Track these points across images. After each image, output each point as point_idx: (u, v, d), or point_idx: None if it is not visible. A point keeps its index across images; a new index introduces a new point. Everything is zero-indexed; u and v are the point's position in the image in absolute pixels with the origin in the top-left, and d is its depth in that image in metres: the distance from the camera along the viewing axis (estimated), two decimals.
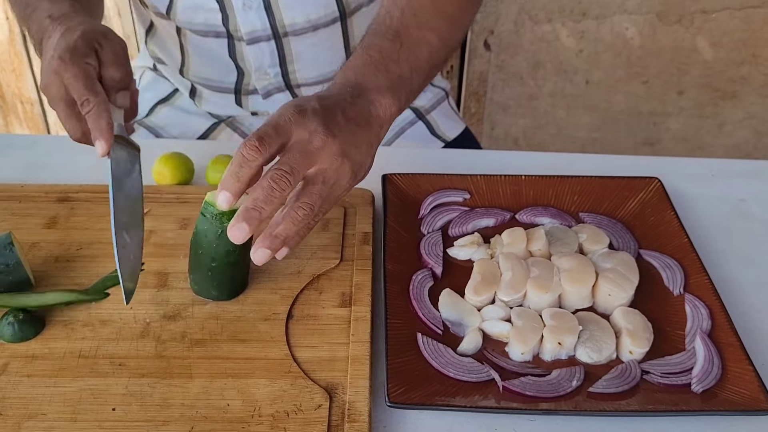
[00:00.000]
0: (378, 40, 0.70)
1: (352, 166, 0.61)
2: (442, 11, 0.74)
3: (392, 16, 0.72)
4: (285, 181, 0.56)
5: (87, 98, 0.66)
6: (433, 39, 0.72)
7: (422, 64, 0.71)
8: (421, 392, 0.59)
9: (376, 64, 0.68)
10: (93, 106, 0.66)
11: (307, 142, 0.58)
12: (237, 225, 0.57)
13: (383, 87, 0.66)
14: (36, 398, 0.58)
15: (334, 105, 0.62)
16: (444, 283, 0.70)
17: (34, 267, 0.70)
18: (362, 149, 0.63)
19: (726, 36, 1.71)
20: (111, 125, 0.66)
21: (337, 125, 0.60)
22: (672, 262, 0.72)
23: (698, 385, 0.60)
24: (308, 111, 0.60)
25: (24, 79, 1.91)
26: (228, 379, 0.60)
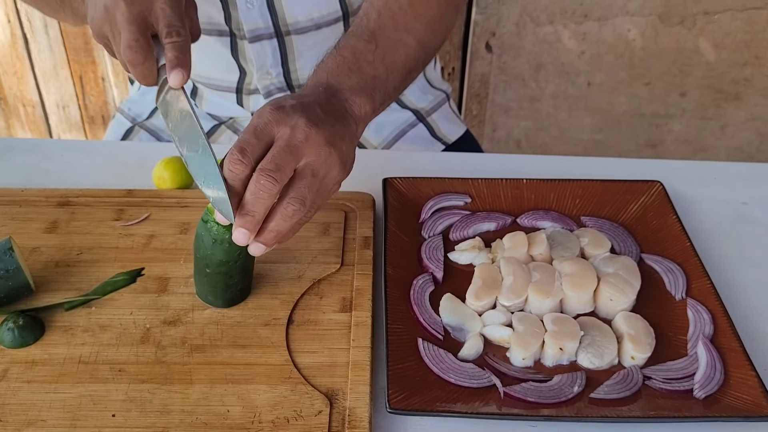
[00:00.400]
0: (353, 42, 0.69)
1: (340, 156, 0.61)
2: (420, 14, 0.73)
3: (369, 18, 0.72)
4: (271, 181, 0.56)
5: (179, 28, 0.63)
6: (410, 41, 0.72)
7: (399, 66, 0.71)
8: (422, 398, 0.59)
9: (349, 65, 0.67)
10: (183, 38, 0.63)
11: (290, 136, 0.58)
12: (238, 230, 0.57)
13: (356, 87, 0.66)
14: (36, 404, 0.58)
15: (311, 102, 0.62)
16: (445, 287, 0.70)
17: (34, 272, 0.70)
18: (346, 141, 0.62)
19: (728, 37, 1.71)
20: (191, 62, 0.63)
21: (318, 117, 0.60)
22: (674, 267, 0.72)
23: (700, 391, 0.60)
24: (286, 107, 0.60)
25: (26, 81, 1.91)
26: (228, 385, 0.60)
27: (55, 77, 1.90)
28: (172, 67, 0.61)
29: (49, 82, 1.91)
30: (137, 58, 0.63)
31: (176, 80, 0.61)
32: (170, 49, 0.62)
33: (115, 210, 0.77)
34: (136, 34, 0.63)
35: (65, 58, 1.86)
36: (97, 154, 0.91)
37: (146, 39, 0.63)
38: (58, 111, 1.97)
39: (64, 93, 1.93)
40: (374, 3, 0.73)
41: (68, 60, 1.87)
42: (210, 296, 0.66)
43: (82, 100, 1.94)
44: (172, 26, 0.63)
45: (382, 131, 1.04)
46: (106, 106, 1.94)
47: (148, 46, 0.63)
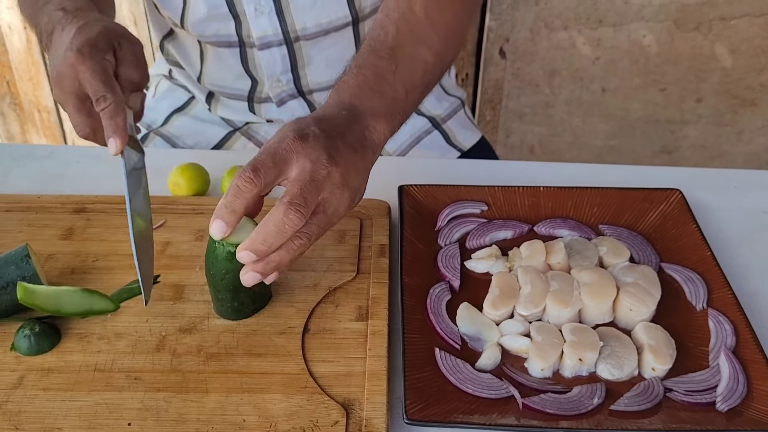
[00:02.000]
0: (373, 60, 0.68)
1: (351, 194, 0.61)
2: (437, 24, 0.72)
3: (387, 33, 0.70)
4: (300, 216, 0.56)
5: (104, 95, 0.65)
6: (428, 56, 0.71)
7: (417, 83, 0.70)
8: (439, 409, 0.58)
9: (370, 85, 0.67)
10: (110, 103, 0.64)
11: (312, 171, 0.57)
12: (244, 253, 0.57)
13: (378, 111, 0.65)
14: (52, 412, 0.58)
15: (332, 130, 0.61)
16: (462, 296, 0.70)
17: (50, 278, 0.70)
18: (359, 175, 0.62)
19: (745, 43, 1.69)
20: (126, 123, 0.65)
21: (339, 152, 0.59)
22: (694, 276, 0.71)
23: (723, 404, 0.59)
24: (309, 137, 0.59)
25: (41, 87, 1.92)
26: (244, 394, 0.59)
27: None
28: (106, 137, 0.65)
29: None
30: (86, 135, 0.68)
31: (111, 149, 0.65)
32: (102, 117, 0.65)
33: None
34: (74, 114, 0.68)
35: None
36: (113, 161, 0.90)
37: (85, 114, 0.68)
38: None
39: None
40: (390, 15, 0.72)
41: None
42: (217, 303, 0.66)
43: None
44: (97, 94, 0.65)
45: (397, 138, 1.04)
46: None
47: (91, 121, 0.67)
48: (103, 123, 0.65)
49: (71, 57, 0.66)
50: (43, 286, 0.64)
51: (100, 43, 0.67)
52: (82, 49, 0.66)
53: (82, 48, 0.66)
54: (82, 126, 0.68)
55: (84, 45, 0.66)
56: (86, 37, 0.67)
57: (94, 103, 0.66)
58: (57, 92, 0.68)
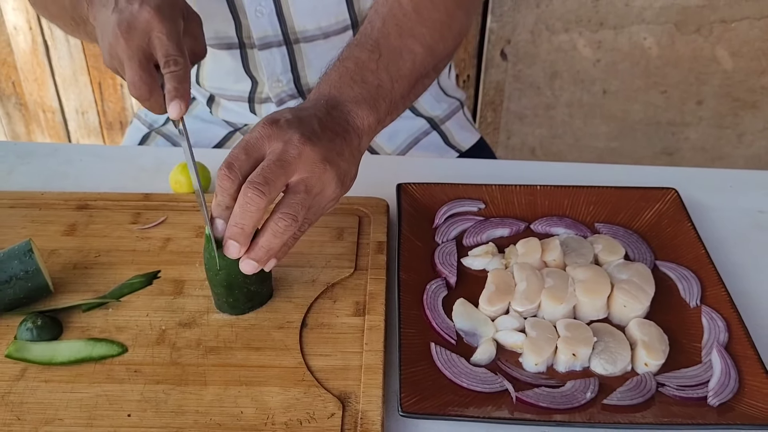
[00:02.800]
0: (356, 52, 0.69)
1: (336, 173, 0.60)
2: (426, 18, 0.72)
3: (373, 27, 0.71)
4: (258, 194, 0.56)
5: (176, 58, 0.63)
6: (416, 47, 0.71)
7: (405, 73, 0.70)
8: (434, 402, 0.59)
9: (351, 75, 0.66)
10: (181, 67, 0.63)
11: (282, 151, 0.58)
12: (228, 242, 0.58)
13: (359, 98, 0.65)
14: (53, 403, 0.59)
15: (308, 116, 0.61)
16: (458, 292, 0.70)
17: (52, 273, 0.71)
18: (345, 157, 0.62)
19: (746, 45, 1.70)
20: (190, 92, 0.64)
21: (314, 133, 0.59)
22: (688, 274, 0.72)
23: (714, 399, 0.60)
24: (281, 121, 0.59)
25: (46, 88, 1.94)
26: (242, 387, 0.60)
27: (74, 84, 1.93)
28: (170, 99, 0.62)
29: (68, 89, 1.94)
30: (142, 94, 0.64)
31: (173, 112, 0.62)
32: (168, 80, 0.63)
33: (133, 213, 0.78)
34: (137, 70, 0.63)
35: (85, 65, 1.89)
36: (115, 159, 0.92)
37: (148, 73, 0.63)
38: (77, 117, 1.99)
39: (83, 99, 1.95)
40: (379, 10, 0.72)
41: (87, 67, 1.89)
42: (214, 296, 0.67)
43: (101, 107, 1.97)
44: (170, 56, 0.63)
45: (395, 139, 1.05)
46: (124, 112, 1.97)
47: (150, 80, 0.63)
48: (169, 86, 0.62)
49: (148, 13, 0.63)
50: None
51: (177, 5, 0.66)
52: (162, 7, 0.63)
53: (162, 6, 0.63)
54: (140, 84, 0.63)
55: (164, 4, 0.64)
56: None
57: (162, 65, 0.63)
58: (121, 46, 0.64)
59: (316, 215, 0.61)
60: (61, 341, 0.64)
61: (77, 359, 0.62)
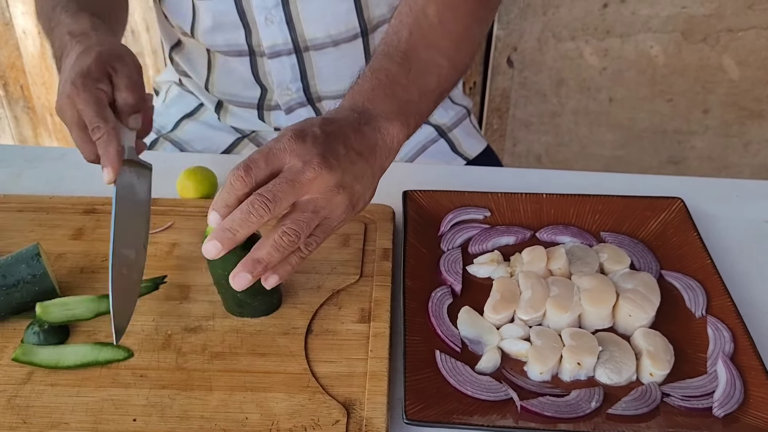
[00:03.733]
0: (386, 63, 0.69)
1: (349, 198, 0.60)
2: (450, 31, 0.72)
3: (400, 38, 0.71)
4: (264, 209, 0.55)
5: (97, 125, 0.67)
6: (442, 61, 0.71)
7: (432, 88, 0.70)
8: (439, 410, 0.59)
9: (384, 89, 0.66)
10: (103, 134, 0.67)
11: (299, 171, 0.57)
12: (211, 242, 0.56)
13: (392, 113, 0.65)
14: (59, 407, 0.59)
15: (336, 132, 0.60)
16: (463, 300, 0.70)
17: (59, 277, 0.71)
18: (363, 180, 0.61)
19: (752, 55, 1.70)
20: (120, 152, 0.67)
21: (336, 155, 0.59)
22: (694, 284, 0.72)
23: (720, 410, 0.60)
24: (308, 137, 0.58)
25: (54, 91, 1.95)
26: (247, 393, 0.60)
27: None
28: (102, 166, 0.67)
29: None
30: (92, 159, 0.70)
31: (105, 178, 0.67)
32: (98, 147, 0.68)
33: None
34: (80, 142, 0.70)
35: None
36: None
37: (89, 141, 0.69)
38: None
39: None
40: (404, 20, 0.72)
41: None
42: (221, 298, 0.67)
43: None
44: (92, 124, 0.68)
45: (403, 146, 1.04)
46: None
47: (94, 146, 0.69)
48: (99, 152, 0.67)
49: (68, 89, 0.68)
50: None
51: (93, 72, 0.69)
52: (76, 81, 0.68)
53: (75, 80, 0.68)
54: (86, 153, 0.70)
55: (77, 76, 0.68)
56: (81, 67, 0.69)
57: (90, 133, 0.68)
58: (62, 120, 0.71)
59: (325, 235, 0.60)
60: (68, 345, 0.64)
61: (83, 363, 0.62)
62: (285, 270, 0.59)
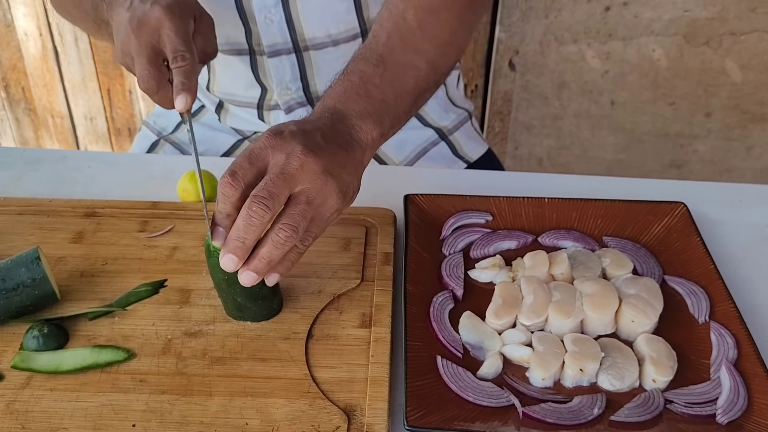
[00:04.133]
0: (361, 66, 0.69)
1: (338, 185, 0.60)
2: (430, 35, 0.72)
3: (378, 41, 0.71)
4: (263, 208, 0.56)
5: (184, 53, 0.65)
6: (420, 63, 0.71)
7: (408, 89, 0.70)
8: (440, 416, 0.59)
9: (356, 90, 0.67)
10: (188, 62, 0.65)
11: (284, 163, 0.58)
12: (226, 256, 0.57)
13: (364, 112, 0.66)
14: (58, 412, 0.59)
15: (312, 129, 0.61)
16: (465, 305, 0.70)
17: (59, 281, 0.71)
18: (348, 169, 0.62)
19: (755, 58, 1.69)
20: (197, 87, 0.66)
21: (317, 145, 0.60)
22: (697, 289, 0.71)
23: (723, 416, 0.59)
24: (285, 133, 0.60)
25: (55, 93, 1.95)
26: (247, 398, 0.60)
27: (83, 90, 1.94)
28: (177, 92, 0.64)
29: (77, 95, 1.95)
30: (150, 87, 0.66)
31: (180, 104, 0.65)
32: (176, 74, 0.65)
33: (140, 221, 0.79)
34: (146, 65, 0.66)
35: (94, 71, 1.90)
36: (123, 166, 0.92)
37: (156, 68, 0.66)
38: (86, 123, 2.00)
39: (92, 105, 1.96)
40: (384, 24, 0.72)
41: (97, 73, 1.90)
42: (222, 302, 0.67)
43: (110, 113, 1.98)
44: (177, 51, 0.65)
45: (404, 149, 1.05)
46: (132, 118, 1.97)
47: (159, 75, 0.66)
48: (176, 80, 0.65)
49: (159, 11, 0.66)
50: None
51: (189, 6, 0.68)
52: (173, 6, 0.66)
53: (172, 5, 0.66)
54: (148, 78, 0.66)
55: (174, 3, 0.67)
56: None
57: (170, 60, 0.66)
58: (132, 42, 0.67)
59: (320, 227, 0.61)
60: (67, 350, 0.64)
61: (83, 367, 0.62)
62: (284, 266, 0.60)
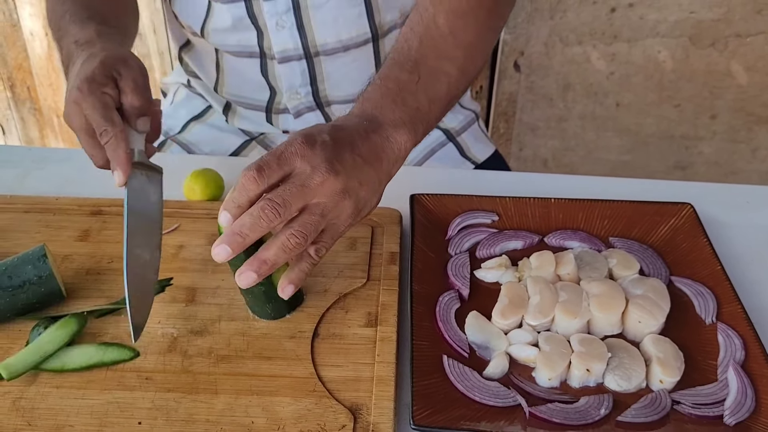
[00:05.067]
0: (396, 72, 0.69)
1: (355, 204, 0.61)
2: (460, 41, 0.73)
3: (411, 46, 0.71)
4: (274, 213, 0.56)
5: (105, 129, 0.68)
6: (452, 70, 0.71)
7: (441, 96, 0.70)
8: (446, 416, 0.59)
9: (393, 97, 0.67)
10: (111, 137, 0.67)
11: (307, 176, 0.58)
12: (220, 245, 0.57)
13: (400, 121, 0.66)
14: (64, 410, 0.59)
15: (345, 139, 0.61)
16: (471, 305, 0.70)
17: (65, 279, 0.71)
18: (369, 186, 0.62)
19: (761, 60, 1.69)
20: (128, 155, 0.68)
21: (343, 162, 0.60)
22: (704, 290, 0.71)
23: (731, 418, 0.59)
24: (317, 143, 0.59)
25: (60, 93, 1.95)
26: (253, 397, 0.60)
27: None
28: (111, 169, 0.68)
29: None
30: (102, 165, 0.71)
31: (117, 181, 0.67)
32: (106, 150, 0.68)
33: None
34: (88, 147, 0.71)
35: None
36: None
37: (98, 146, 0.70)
38: None
39: None
40: (414, 29, 0.72)
41: None
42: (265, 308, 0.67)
43: None
44: (99, 128, 0.68)
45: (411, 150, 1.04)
46: None
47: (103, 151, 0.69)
48: (108, 155, 0.68)
49: (74, 94, 0.69)
50: None
51: (98, 77, 0.70)
52: (82, 86, 0.69)
53: (81, 85, 0.69)
54: (96, 158, 0.71)
55: (84, 81, 0.69)
56: (85, 73, 0.70)
57: (99, 138, 0.68)
58: (71, 123, 0.71)
59: (331, 240, 0.61)
60: (73, 347, 0.64)
61: (89, 365, 0.62)
62: (298, 277, 0.61)
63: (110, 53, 0.72)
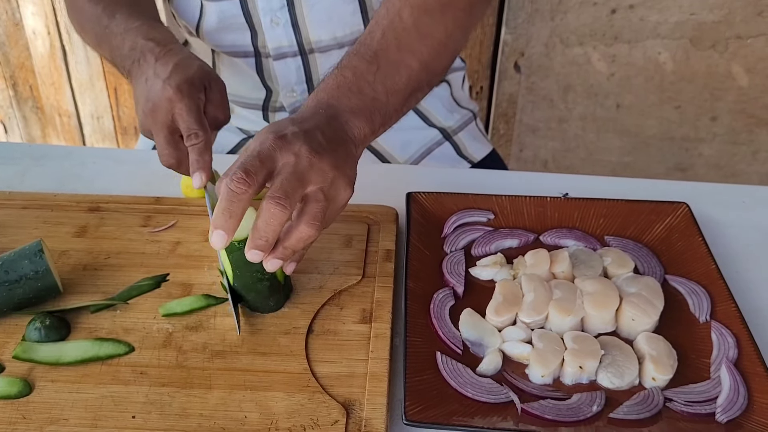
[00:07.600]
0: (355, 61, 0.70)
1: (346, 179, 0.62)
2: (425, 35, 0.73)
3: (373, 38, 0.72)
4: (280, 208, 0.57)
5: (196, 132, 0.68)
6: (413, 63, 0.72)
7: (400, 87, 0.71)
8: (439, 411, 0.59)
9: (349, 86, 0.68)
10: (201, 141, 0.68)
11: (294, 164, 0.59)
12: (252, 251, 0.58)
13: (356, 109, 0.67)
14: (59, 403, 0.59)
15: (310, 126, 0.63)
16: (465, 302, 0.70)
17: (62, 274, 0.71)
18: (349, 163, 0.64)
19: (761, 62, 1.69)
20: (211, 160, 0.69)
21: (320, 144, 0.61)
22: (698, 289, 0.71)
23: (723, 415, 0.59)
24: (288, 135, 0.60)
25: (63, 92, 1.96)
26: (246, 392, 0.60)
27: (90, 89, 1.95)
28: (192, 170, 0.68)
29: (84, 93, 1.96)
30: (171, 165, 0.71)
31: (196, 182, 0.68)
32: (191, 152, 0.68)
33: (143, 217, 0.79)
34: (164, 145, 0.70)
35: (101, 70, 1.91)
36: (128, 162, 0.93)
37: (174, 146, 0.70)
38: (93, 121, 2.01)
39: (98, 104, 1.97)
40: (380, 22, 0.73)
41: (104, 72, 1.91)
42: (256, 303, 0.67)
43: (116, 112, 1.99)
44: (190, 130, 0.68)
45: (408, 149, 1.05)
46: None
47: (177, 153, 0.70)
48: (191, 158, 0.68)
49: (170, 92, 0.69)
50: None
51: (196, 82, 0.71)
52: (181, 86, 0.69)
53: (181, 85, 0.69)
54: (168, 156, 0.70)
55: (183, 83, 0.69)
56: (185, 75, 0.70)
57: (185, 138, 0.69)
58: (149, 122, 0.71)
59: (330, 220, 0.63)
60: (69, 341, 0.64)
61: (84, 359, 0.62)
62: (299, 254, 0.65)
63: (203, 64, 0.73)
